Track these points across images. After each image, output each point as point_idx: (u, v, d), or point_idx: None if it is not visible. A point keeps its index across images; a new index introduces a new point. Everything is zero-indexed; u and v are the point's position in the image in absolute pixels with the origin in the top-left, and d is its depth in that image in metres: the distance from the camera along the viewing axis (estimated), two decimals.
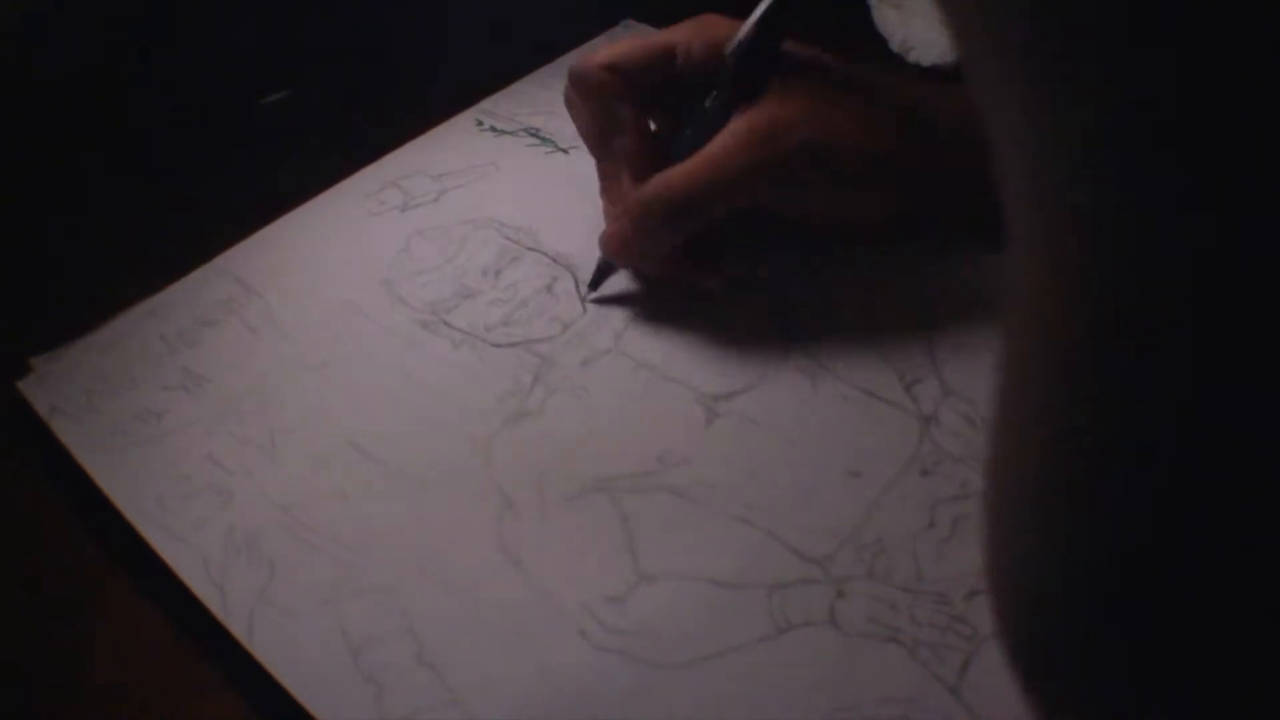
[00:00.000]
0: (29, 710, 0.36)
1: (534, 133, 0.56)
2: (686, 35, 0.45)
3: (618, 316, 0.45)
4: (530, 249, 0.49)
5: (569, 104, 0.47)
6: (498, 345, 0.45)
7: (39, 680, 0.37)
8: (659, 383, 0.43)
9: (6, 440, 0.44)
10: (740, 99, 0.43)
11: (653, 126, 0.46)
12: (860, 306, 0.45)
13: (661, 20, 0.60)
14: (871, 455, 0.40)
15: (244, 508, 0.39)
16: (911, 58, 0.59)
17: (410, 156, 0.54)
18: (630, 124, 0.45)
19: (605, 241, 0.45)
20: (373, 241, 0.49)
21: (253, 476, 0.40)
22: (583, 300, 0.46)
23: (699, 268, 0.45)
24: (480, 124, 0.57)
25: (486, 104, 0.58)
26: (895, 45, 0.60)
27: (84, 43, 0.56)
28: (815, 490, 0.39)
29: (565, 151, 0.54)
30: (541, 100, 0.58)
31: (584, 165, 0.48)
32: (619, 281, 0.47)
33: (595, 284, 0.46)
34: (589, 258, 0.47)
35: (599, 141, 0.46)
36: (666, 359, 0.44)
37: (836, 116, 0.42)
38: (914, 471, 0.39)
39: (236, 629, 0.36)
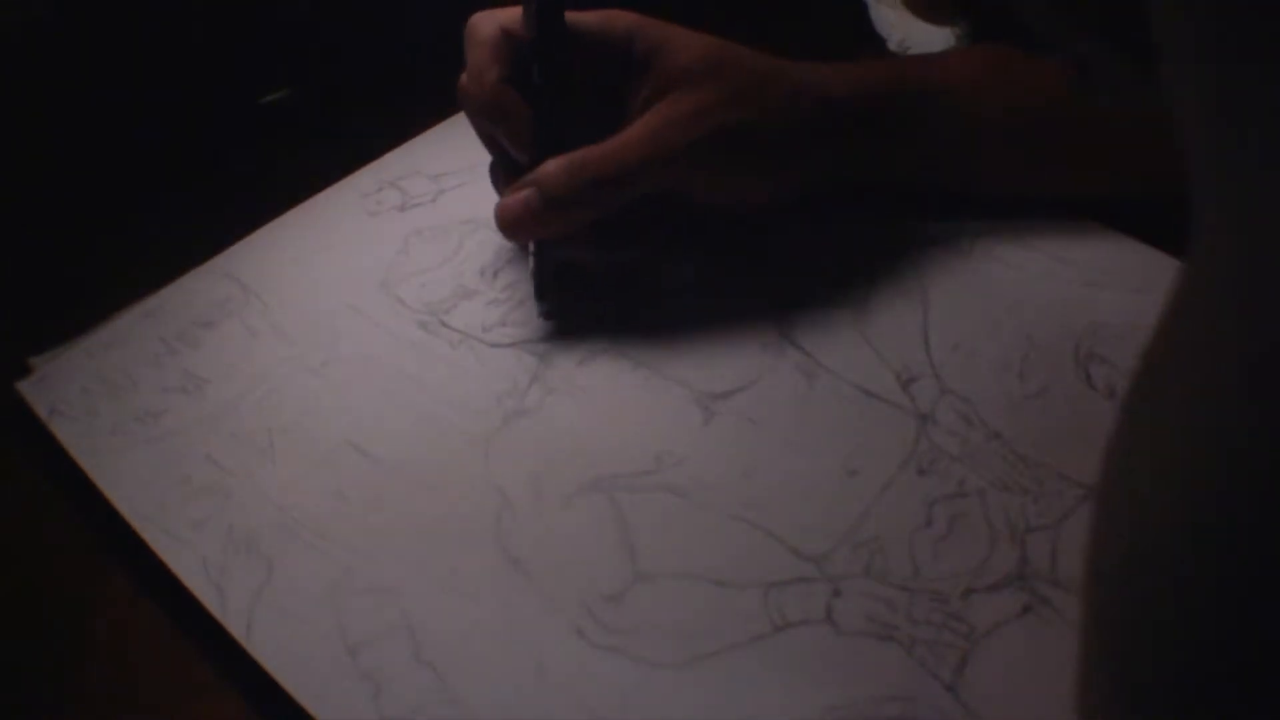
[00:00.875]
0: (29, 711, 0.37)
1: None
2: (589, 21, 0.45)
3: (616, 316, 0.45)
4: (528, 250, 0.49)
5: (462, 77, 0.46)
6: (496, 345, 0.45)
7: (39, 680, 0.37)
8: (656, 382, 0.43)
9: (6, 441, 0.44)
10: (548, 79, 0.44)
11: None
12: (857, 305, 0.45)
13: (661, 19, 0.60)
14: (868, 454, 0.40)
15: (243, 508, 0.39)
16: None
17: (408, 156, 0.54)
18: (512, 98, 0.44)
19: (503, 212, 0.44)
20: (371, 242, 0.49)
21: (251, 477, 0.40)
22: (541, 314, 0.45)
23: (610, 242, 0.45)
24: None
25: None
26: (894, 45, 0.60)
27: (84, 43, 0.56)
28: (812, 489, 0.39)
29: None
30: None
31: None
32: (611, 278, 0.47)
33: (541, 294, 0.45)
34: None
35: (488, 113, 0.45)
36: (663, 358, 0.44)
37: (747, 104, 0.44)
38: (911, 470, 0.39)
39: (235, 629, 0.36)
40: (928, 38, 0.59)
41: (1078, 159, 0.47)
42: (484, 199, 0.51)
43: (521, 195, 0.43)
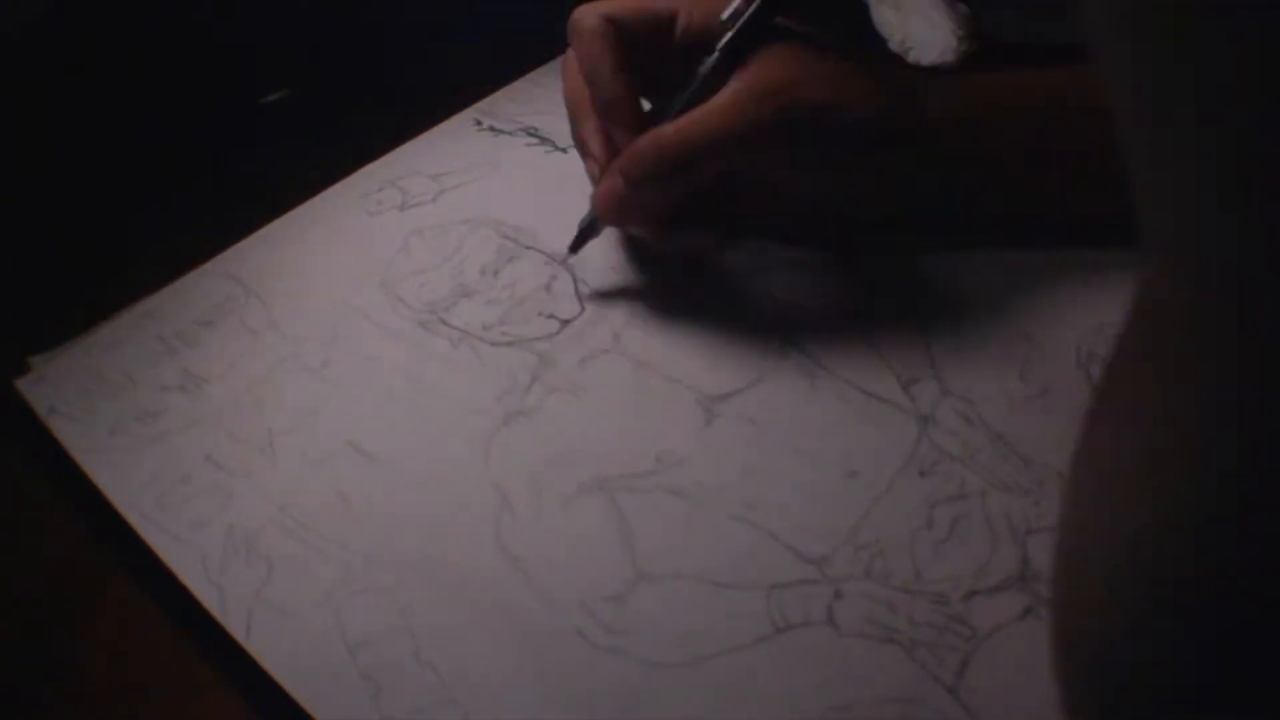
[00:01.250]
0: (29, 710, 0.37)
1: (532, 132, 0.56)
2: (687, 5, 0.45)
3: (616, 315, 0.45)
4: (528, 248, 0.49)
5: (566, 60, 0.46)
6: (496, 344, 0.45)
7: (39, 680, 0.37)
8: (657, 382, 0.43)
9: (5, 440, 0.44)
10: (732, 66, 0.43)
11: (645, 106, 0.46)
12: (858, 306, 0.45)
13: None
14: (869, 455, 0.40)
15: (242, 507, 0.39)
16: (911, 57, 0.59)
17: (409, 156, 0.54)
18: (619, 75, 0.44)
19: (598, 199, 0.44)
20: (371, 241, 0.49)
21: (251, 476, 0.40)
22: (564, 262, 0.46)
23: (688, 233, 0.45)
24: (479, 124, 0.57)
25: (485, 104, 0.58)
26: (894, 45, 0.60)
27: (84, 43, 0.56)
28: (813, 490, 0.39)
29: (564, 151, 0.54)
30: (540, 100, 0.58)
31: (582, 165, 0.48)
32: (611, 277, 0.47)
33: (576, 247, 0.46)
34: (587, 257, 0.47)
35: (586, 97, 0.45)
36: (665, 358, 0.44)
37: (828, 86, 0.43)
38: (912, 472, 0.39)
39: (235, 628, 0.36)
40: (928, 37, 0.59)
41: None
42: (484, 199, 0.51)
43: (610, 182, 0.43)
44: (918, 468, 0.39)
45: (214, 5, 0.57)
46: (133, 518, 0.39)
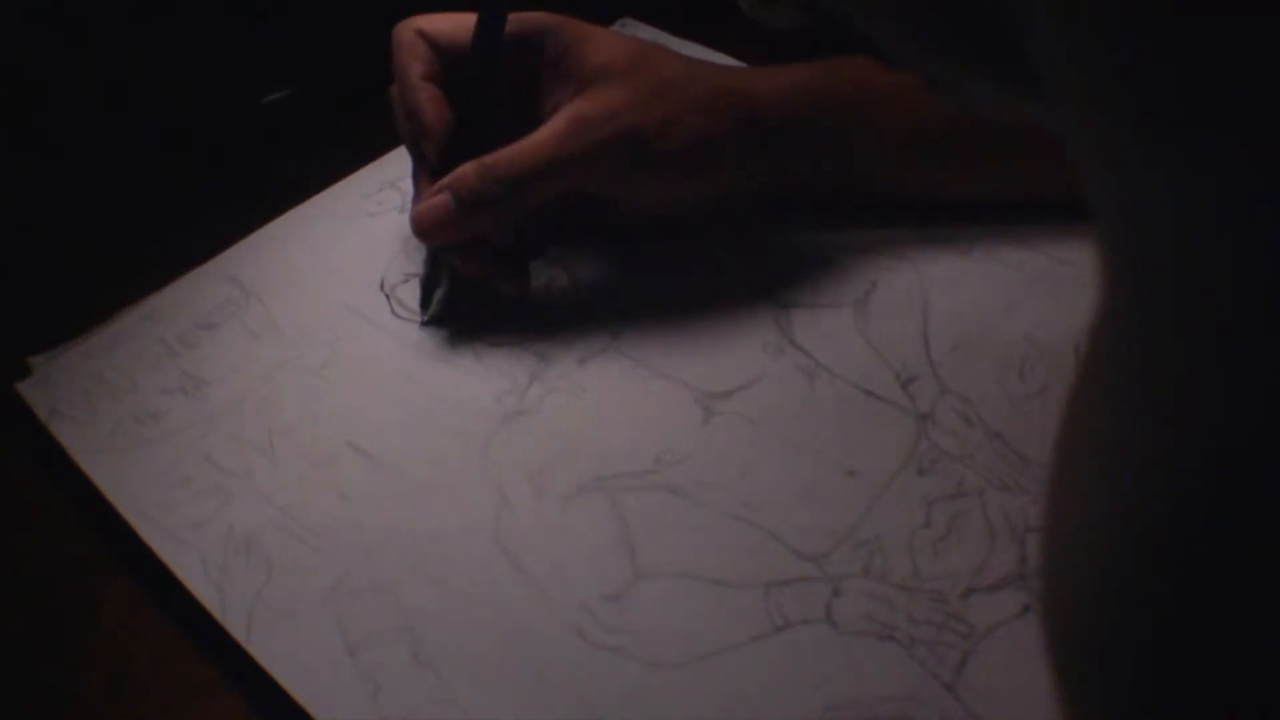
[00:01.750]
0: (29, 710, 0.37)
1: None
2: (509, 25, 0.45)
3: (615, 315, 0.45)
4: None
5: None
6: (495, 345, 0.45)
7: (39, 680, 0.37)
8: (656, 381, 0.43)
9: (6, 441, 0.44)
10: (483, 93, 0.44)
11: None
12: (857, 305, 0.45)
13: (661, 20, 0.60)
14: (868, 454, 0.40)
15: (243, 508, 0.39)
16: None
17: (408, 157, 0.54)
18: (423, 87, 0.44)
19: (416, 217, 0.44)
20: (371, 242, 0.49)
21: (251, 477, 0.40)
22: (422, 325, 0.45)
23: (502, 271, 0.45)
24: None
25: None
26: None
27: (84, 43, 0.56)
28: (812, 489, 0.39)
29: None
30: None
31: None
32: (609, 276, 0.47)
33: (426, 303, 0.45)
34: (587, 257, 0.47)
35: (407, 114, 0.45)
36: (664, 358, 0.44)
37: (660, 104, 0.43)
38: (911, 470, 0.39)
39: (235, 629, 0.36)
40: None
41: (994, 161, 0.46)
42: None
43: (436, 199, 0.43)
44: (916, 466, 0.39)
45: (214, 5, 0.57)
46: (133, 518, 0.39)
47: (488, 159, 0.43)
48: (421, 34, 0.44)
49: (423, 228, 0.43)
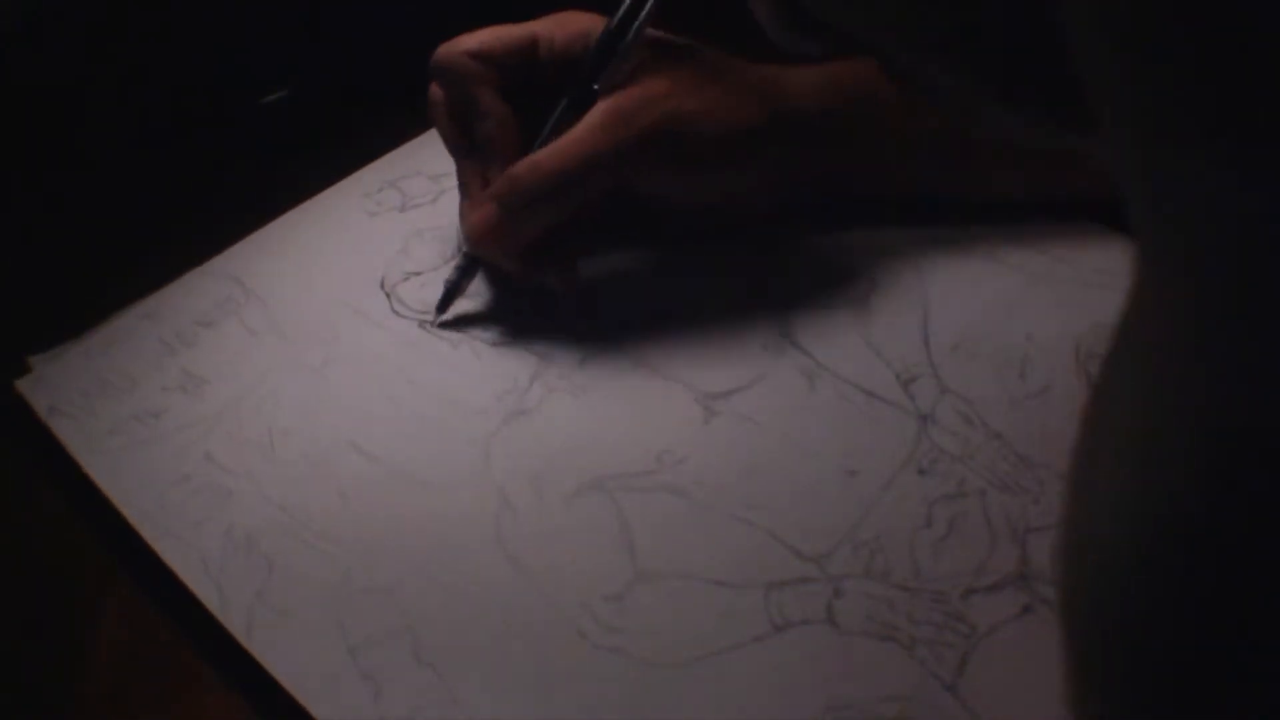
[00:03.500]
0: (29, 710, 0.37)
1: None
2: (548, 27, 0.45)
3: (616, 315, 0.45)
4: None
5: (431, 103, 0.46)
6: (495, 345, 0.45)
7: (39, 680, 0.37)
8: (657, 382, 0.43)
9: (6, 440, 0.44)
10: (599, 88, 0.43)
11: None
12: (858, 305, 0.45)
13: (660, 19, 0.60)
14: (869, 454, 0.40)
15: (243, 507, 0.39)
16: None
17: (409, 157, 0.54)
18: (497, 111, 0.44)
19: (470, 229, 0.44)
20: (371, 242, 0.49)
21: (251, 476, 0.40)
22: (433, 324, 0.45)
23: (553, 267, 0.45)
24: None
25: None
26: None
27: (83, 43, 0.56)
28: (813, 489, 0.39)
29: None
30: None
31: None
32: (609, 276, 0.47)
33: (443, 306, 0.45)
34: (588, 258, 0.47)
35: (461, 135, 0.45)
36: (664, 358, 0.44)
37: (696, 95, 0.44)
38: (911, 470, 0.39)
39: (235, 628, 0.36)
40: None
41: (1029, 160, 0.46)
42: None
43: (486, 211, 0.43)
44: (917, 466, 0.39)
45: (214, 5, 0.57)
46: (133, 517, 0.39)
47: (526, 160, 0.43)
48: (476, 56, 0.44)
49: (477, 240, 0.44)
